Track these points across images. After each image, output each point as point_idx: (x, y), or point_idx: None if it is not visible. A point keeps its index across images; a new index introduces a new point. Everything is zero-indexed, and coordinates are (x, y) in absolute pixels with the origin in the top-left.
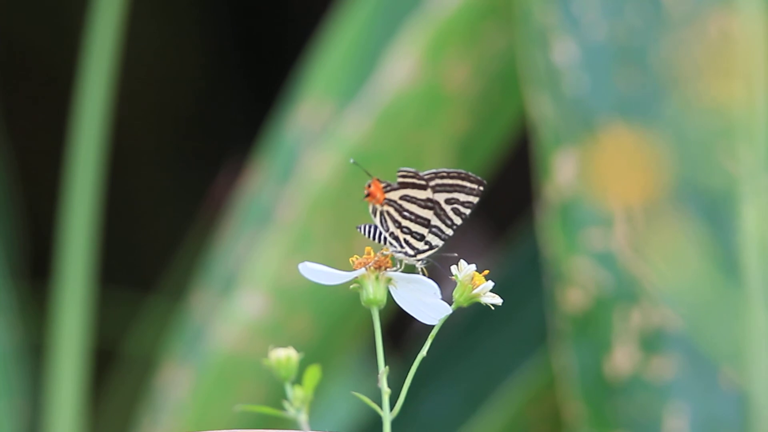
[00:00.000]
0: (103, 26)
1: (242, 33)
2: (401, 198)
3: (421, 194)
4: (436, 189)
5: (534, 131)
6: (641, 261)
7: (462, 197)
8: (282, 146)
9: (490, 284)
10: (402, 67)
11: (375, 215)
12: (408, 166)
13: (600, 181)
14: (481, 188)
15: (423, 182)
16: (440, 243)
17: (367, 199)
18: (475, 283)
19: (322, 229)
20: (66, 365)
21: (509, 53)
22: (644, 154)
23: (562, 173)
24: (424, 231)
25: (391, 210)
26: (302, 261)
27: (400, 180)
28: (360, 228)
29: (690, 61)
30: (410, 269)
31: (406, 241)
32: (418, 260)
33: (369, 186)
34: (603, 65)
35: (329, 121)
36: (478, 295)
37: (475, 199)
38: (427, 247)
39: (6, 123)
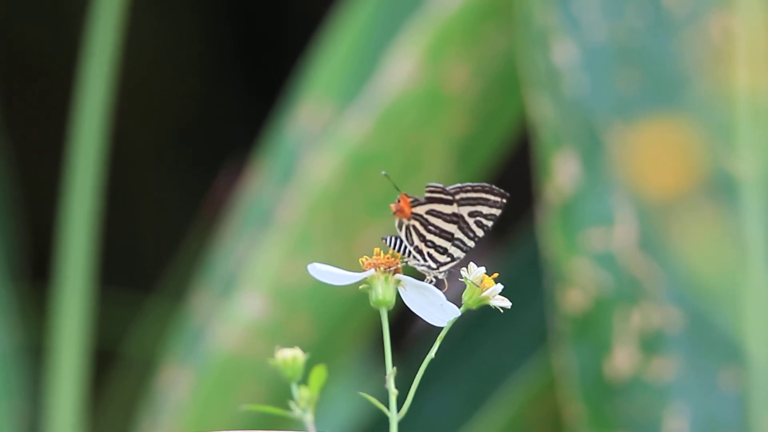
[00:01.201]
0: (104, 26)
1: (242, 34)
2: (428, 213)
3: (447, 209)
4: (460, 203)
5: (534, 132)
6: (667, 254)
7: (485, 210)
8: (282, 147)
9: (500, 287)
10: (402, 68)
11: (401, 229)
12: (408, 168)
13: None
14: (504, 201)
15: (450, 197)
16: (461, 255)
17: (396, 213)
18: (484, 286)
19: (323, 230)
20: (66, 366)
21: (509, 54)
22: (663, 150)
23: (563, 174)
24: (447, 245)
25: (417, 224)
26: (303, 262)
27: (428, 195)
28: (385, 239)
29: (691, 61)
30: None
31: (430, 255)
32: (441, 272)
33: (398, 201)
34: (603, 66)
35: (330, 122)
36: (487, 297)
37: (497, 212)
38: (449, 259)
39: (6, 123)
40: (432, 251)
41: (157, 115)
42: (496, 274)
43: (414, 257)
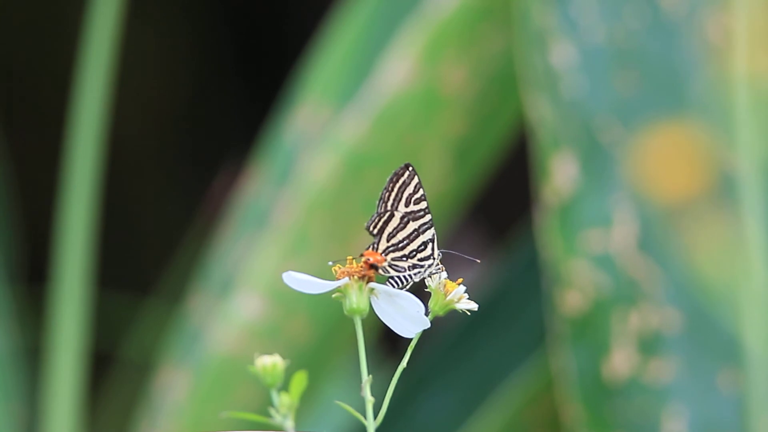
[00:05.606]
0: (101, 28)
1: (240, 35)
2: (388, 239)
3: (395, 221)
4: (395, 208)
5: (532, 133)
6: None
7: (410, 189)
8: (280, 149)
9: (463, 289)
10: (399, 69)
11: (388, 272)
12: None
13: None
14: (410, 168)
15: (388, 213)
16: (433, 231)
17: (373, 266)
18: (447, 291)
19: (320, 232)
20: (63, 368)
21: (507, 55)
22: (665, 151)
23: (561, 175)
24: (419, 239)
25: (392, 255)
26: (300, 263)
27: (375, 231)
28: (387, 284)
29: (690, 62)
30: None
31: (420, 259)
32: (437, 257)
33: (364, 262)
34: (601, 68)
35: (327, 123)
36: (452, 301)
37: (416, 178)
38: (430, 245)
39: (4, 125)
40: (418, 254)
41: (155, 116)
42: (460, 279)
43: (416, 274)
